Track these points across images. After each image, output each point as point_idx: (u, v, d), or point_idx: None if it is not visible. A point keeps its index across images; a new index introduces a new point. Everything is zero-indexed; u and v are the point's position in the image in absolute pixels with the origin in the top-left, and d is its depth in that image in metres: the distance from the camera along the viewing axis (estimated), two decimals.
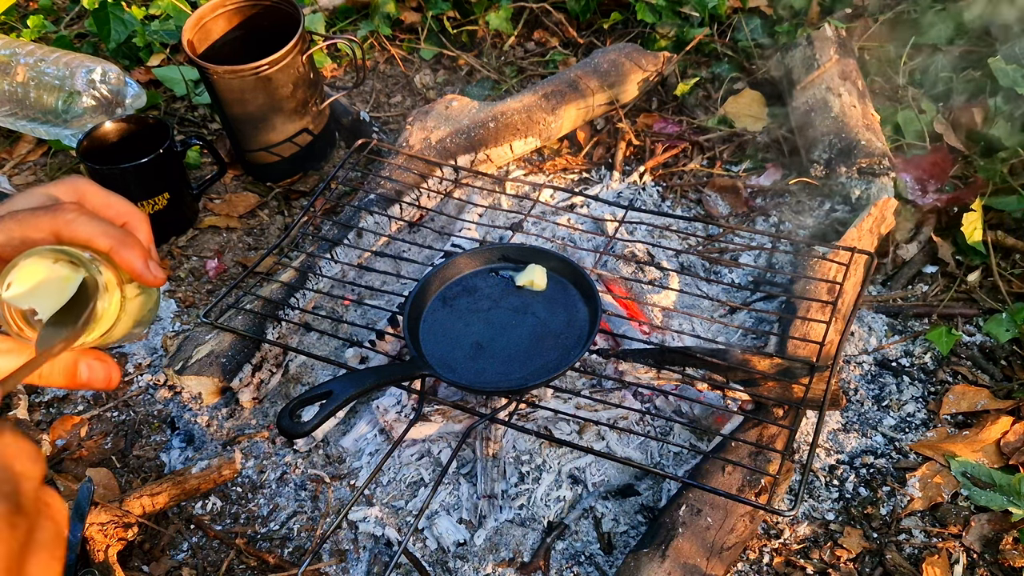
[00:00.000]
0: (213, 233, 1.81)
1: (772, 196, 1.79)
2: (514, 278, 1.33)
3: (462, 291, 1.33)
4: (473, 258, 1.35)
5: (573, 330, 1.26)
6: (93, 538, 1.22)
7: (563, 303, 1.30)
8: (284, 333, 1.51)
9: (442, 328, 1.28)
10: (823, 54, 1.82)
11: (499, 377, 1.21)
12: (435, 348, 1.24)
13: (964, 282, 1.60)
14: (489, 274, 1.35)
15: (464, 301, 1.31)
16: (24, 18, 2.32)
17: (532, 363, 1.22)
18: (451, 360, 1.23)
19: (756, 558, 1.25)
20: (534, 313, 1.29)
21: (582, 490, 1.32)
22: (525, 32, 2.24)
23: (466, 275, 1.35)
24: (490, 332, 1.27)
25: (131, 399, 1.52)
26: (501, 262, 1.36)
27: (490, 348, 1.25)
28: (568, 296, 1.31)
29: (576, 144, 1.94)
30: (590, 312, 1.27)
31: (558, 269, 1.33)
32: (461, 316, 1.29)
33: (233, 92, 1.68)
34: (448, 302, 1.31)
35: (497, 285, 1.34)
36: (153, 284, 0.65)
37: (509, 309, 1.30)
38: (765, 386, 1.27)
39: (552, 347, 1.24)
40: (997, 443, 1.35)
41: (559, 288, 1.32)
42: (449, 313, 1.30)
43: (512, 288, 1.33)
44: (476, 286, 1.33)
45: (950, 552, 1.24)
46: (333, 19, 2.29)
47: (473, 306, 1.31)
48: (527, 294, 1.32)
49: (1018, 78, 1.71)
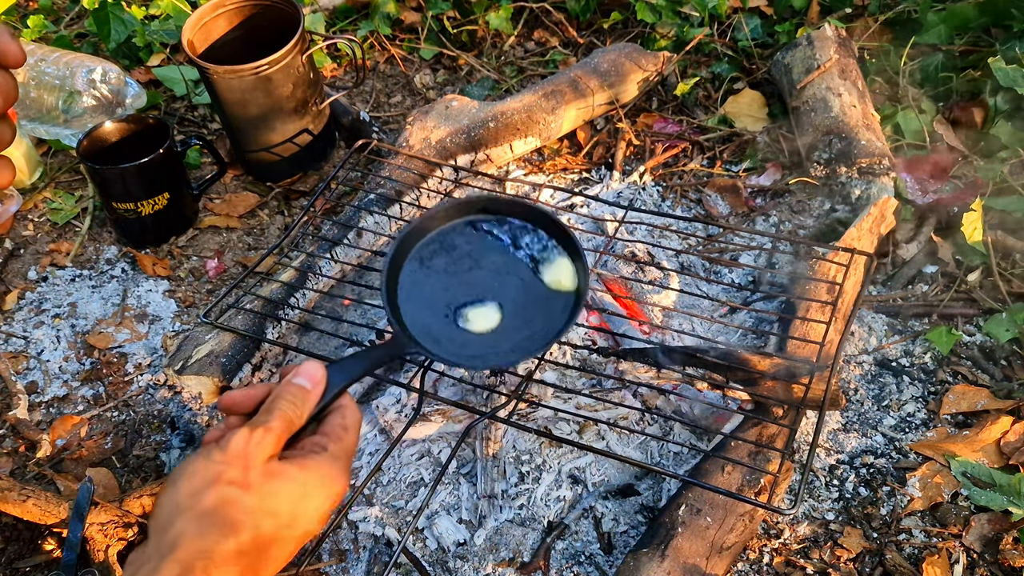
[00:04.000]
0: (213, 233, 1.81)
1: (772, 196, 1.79)
2: (542, 277, 1.16)
3: (440, 248, 1.18)
4: (450, 211, 1.20)
5: (559, 295, 1.13)
6: (93, 538, 1.22)
7: (549, 259, 1.16)
8: (284, 333, 1.51)
9: (421, 294, 1.13)
10: (823, 54, 1.82)
11: (486, 350, 1.08)
12: (417, 317, 1.10)
13: (964, 282, 1.60)
14: (467, 228, 1.20)
15: (441, 260, 1.17)
16: (24, 18, 2.32)
17: (518, 333, 1.10)
18: (435, 332, 1.09)
19: (756, 558, 1.25)
20: (518, 275, 1.16)
21: (582, 490, 1.32)
22: (525, 32, 2.24)
23: (444, 230, 1.19)
24: (472, 298, 1.13)
25: (131, 399, 1.52)
26: (480, 214, 1.20)
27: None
28: (555, 253, 1.17)
29: (576, 144, 1.94)
30: (577, 272, 1.14)
31: (540, 224, 1.19)
32: (440, 279, 1.16)
33: (233, 92, 1.68)
34: (425, 262, 1.16)
35: (477, 242, 1.19)
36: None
37: (491, 270, 1.16)
38: (765, 386, 1.27)
39: (539, 314, 1.11)
40: (997, 443, 1.35)
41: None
42: (427, 275, 1.15)
43: (494, 245, 1.19)
44: (454, 243, 1.19)
45: (950, 552, 1.24)
46: (333, 19, 2.29)
47: (452, 267, 1.16)
48: (509, 254, 1.18)
49: (1018, 78, 1.71)
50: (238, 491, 0.68)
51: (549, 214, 1.18)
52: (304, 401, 0.76)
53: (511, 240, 1.19)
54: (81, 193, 1.91)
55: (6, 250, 1.79)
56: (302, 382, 0.76)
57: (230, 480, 0.68)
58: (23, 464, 1.42)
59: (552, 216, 1.17)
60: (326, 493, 0.73)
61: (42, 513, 1.24)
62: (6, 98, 0.66)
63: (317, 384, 0.77)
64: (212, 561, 0.64)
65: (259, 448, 0.70)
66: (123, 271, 1.75)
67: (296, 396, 0.75)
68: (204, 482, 0.68)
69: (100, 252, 1.79)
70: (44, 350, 1.61)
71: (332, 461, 0.73)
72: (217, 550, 0.65)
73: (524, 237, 1.19)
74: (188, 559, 0.64)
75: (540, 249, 1.18)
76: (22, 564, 1.29)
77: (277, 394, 0.75)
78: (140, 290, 1.70)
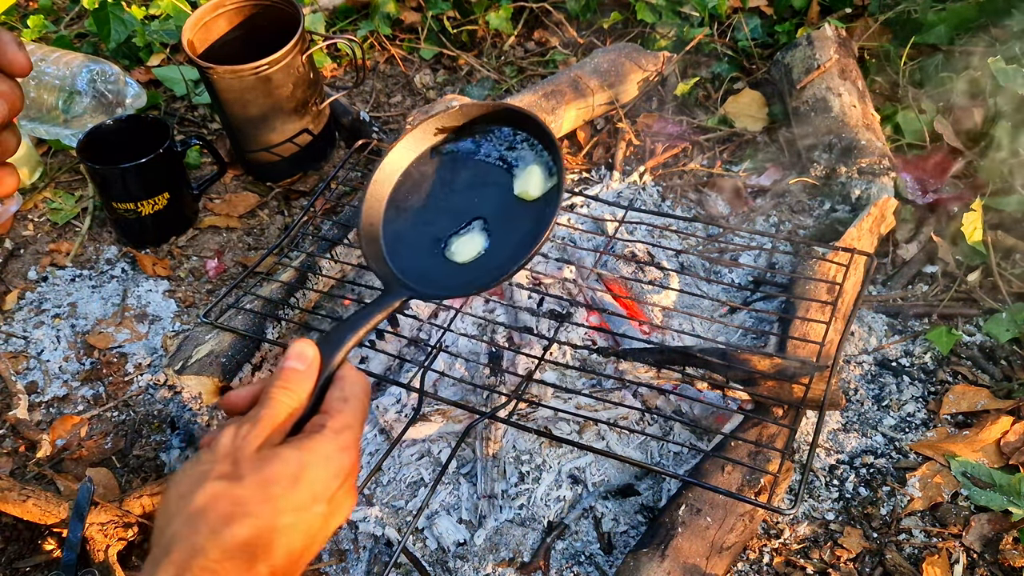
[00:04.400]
0: (213, 233, 1.81)
1: (772, 196, 1.79)
2: (513, 186, 1.08)
3: (410, 189, 1.10)
4: (408, 147, 1.11)
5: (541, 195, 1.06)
6: (93, 538, 1.22)
7: (522, 159, 1.09)
8: (284, 333, 1.51)
9: (404, 239, 1.06)
10: (823, 54, 1.82)
11: (477, 273, 1.02)
12: (407, 264, 1.03)
13: (964, 282, 1.60)
14: (432, 157, 1.12)
15: (415, 199, 1.09)
16: (24, 18, 2.32)
17: (509, 241, 1.03)
18: (428, 272, 1.02)
19: (756, 558, 1.25)
20: (494, 182, 1.09)
21: (582, 490, 1.32)
22: (525, 32, 2.24)
23: (408, 169, 1.11)
24: (455, 222, 1.06)
25: (131, 399, 1.52)
26: (439, 136, 1.12)
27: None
28: (523, 150, 1.10)
29: (576, 144, 1.94)
30: (553, 159, 1.07)
31: (502, 118, 1.11)
32: (419, 217, 1.08)
33: (233, 92, 1.68)
34: (401, 208, 1.08)
35: (444, 164, 1.11)
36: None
37: (466, 187, 1.09)
38: (765, 386, 1.27)
39: (525, 216, 1.04)
40: (997, 443, 1.35)
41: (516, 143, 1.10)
42: (405, 220, 1.07)
43: (460, 159, 1.11)
44: (423, 174, 1.10)
45: (950, 552, 1.24)
46: (333, 19, 2.29)
47: (428, 202, 1.09)
48: (478, 163, 1.10)
49: (1018, 78, 1.71)
50: (227, 484, 0.65)
51: (505, 107, 1.09)
52: (299, 383, 0.72)
53: (476, 148, 1.11)
54: (81, 193, 1.91)
55: (6, 250, 1.79)
56: (293, 364, 0.73)
57: (219, 475, 0.65)
58: (23, 464, 1.42)
59: (510, 108, 1.09)
60: (332, 471, 0.69)
61: (42, 513, 1.24)
62: (12, 107, 0.65)
63: (309, 363, 0.74)
64: (208, 558, 0.61)
65: (247, 440, 0.67)
66: (123, 271, 1.75)
67: (289, 380, 0.72)
68: (193, 482, 0.65)
69: (100, 252, 1.79)
70: (44, 350, 1.61)
71: (333, 436, 0.70)
72: (211, 546, 0.62)
73: (488, 144, 1.11)
74: (183, 559, 0.61)
75: (507, 148, 1.09)
76: (22, 564, 1.29)
77: (270, 386, 0.72)
78: (140, 290, 1.70)
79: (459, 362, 1.43)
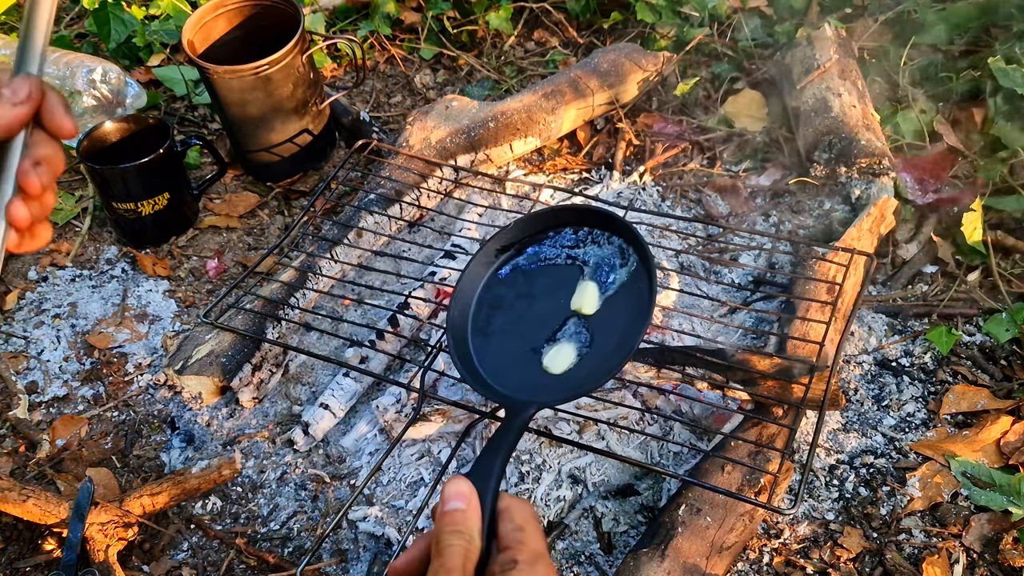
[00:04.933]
0: (213, 233, 1.81)
1: (772, 196, 1.79)
2: (568, 303, 1.10)
3: (490, 309, 1.11)
4: (477, 267, 1.14)
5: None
6: (93, 538, 1.22)
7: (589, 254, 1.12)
8: (284, 333, 1.51)
9: (498, 357, 1.07)
10: (823, 54, 1.82)
11: (587, 369, 1.03)
12: (508, 379, 1.03)
13: (964, 282, 1.60)
14: (499, 274, 1.15)
15: (499, 319, 1.11)
16: None
17: (610, 330, 1.04)
18: (534, 380, 1.03)
19: (756, 558, 1.25)
20: (572, 275, 1.11)
21: (582, 490, 1.32)
22: (525, 32, 2.24)
23: (480, 292, 1.13)
24: (547, 328, 1.07)
25: (131, 399, 1.52)
26: (499, 256, 1.15)
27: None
28: (589, 245, 1.12)
29: (576, 144, 1.94)
30: (626, 242, 1.09)
31: (560, 221, 1.14)
32: (509, 334, 1.09)
33: (233, 92, 1.68)
34: (485, 333, 1.10)
35: (514, 279, 1.14)
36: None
37: (549, 290, 1.10)
38: (765, 386, 1.27)
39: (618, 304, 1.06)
40: (997, 443, 1.35)
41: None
42: (497, 342, 1.09)
43: (535, 267, 1.13)
44: (500, 296, 1.12)
45: (950, 552, 1.24)
46: (333, 19, 2.29)
47: (511, 317, 1.10)
48: (547, 267, 1.12)
49: (1018, 78, 1.71)
50: None
51: (556, 210, 1.12)
52: (466, 523, 0.67)
53: (539, 253, 1.14)
54: (81, 193, 1.91)
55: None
56: (454, 505, 0.68)
57: None
58: (23, 464, 1.42)
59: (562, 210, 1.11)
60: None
61: (42, 513, 1.24)
62: (56, 171, 0.67)
63: (469, 499, 0.68)
64: None
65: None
66: (123, 271, 1.75)
67: (457, 523, 0.67)
68: None
69: (100, 252, 1.79)
70: (44, 350, 1.61)
71: (529, 569, 0.65)
72: None
73: (552, 246, 1.14)
74: None
75: (572, 247, 1.12)
76: (22, 564, 1.29)
77: (437, 534, 0.67)
78: (140, 290, 1.70)
79: None
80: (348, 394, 1.44)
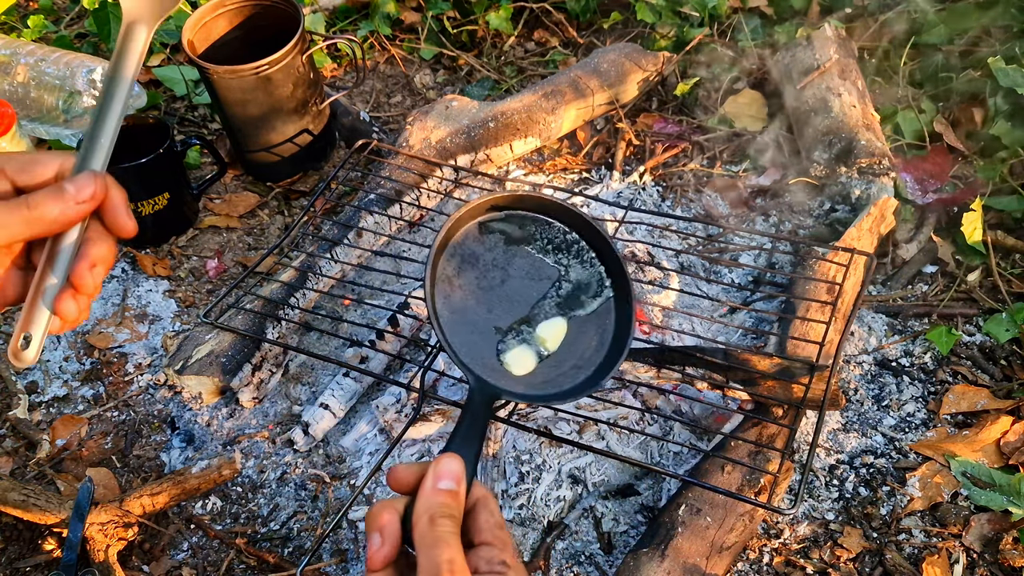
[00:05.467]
0: (213, 233, 1.81)
1: (772, 196, 1.79)
2: (533, 334, 1.06)
3: (463, 260, 1.06)
4: (463, 216, 1.07)
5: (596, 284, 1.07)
6: (93, 538, 1.22)
7: (571, 269, 1.10)
8: (284, 333, 1.51)
9: (464, 319, 1.02)
10: (823, 54, 1.82)
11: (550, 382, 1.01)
12: (470, 352, 0.99)
13: (964, 282, 1.60)
14: (486, 234, 1.09)
15: (471, 274, 1.06)
16: (24, 18, 2.32)
17: (572, 352, 1.03)
18: (490, 365, 1.00)
19: (756, 558, 1.25)
20: (550, 277, 1.09)
21: (582, 490, 1.32)
22: (525, 32, 2.24)
23: (461, 240, 1.07)
24: (513, 313, 1.04)
25: (131, 399, 1.52)
26: (490, 213, 1.10)
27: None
28: (572, 256, 1.11)
29: (576, 144, 1.94)
30: (607, 268, 1.08)
31: (563, 218, 1.11)
32: (476, 297, 1.05)
33: (233, 92, 1.68)
34: (456, 280, 1.04)
35: (497, 246, 1.09)
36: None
37: (524, 277, 1.08)
38: (765, 386, 1.27)
39: (587, 319, 1.05)
40: (997, 443, 1.35)
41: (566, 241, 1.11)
42: (463, 295, 1.04)
43: (515, 247, 1.10)
44: (475, 252, 1.07)
45: (950, 552, 1.24)
46: (333, 19, 2.29)
47: (483, 281, 1.06)
48: (532, 257, 1.10)
49: (1018, 78, 1.71)
50: None
51: (559, 204, 1.09)
52: (458, 507, 0.67)
53: (530, 238, 1.11)
54: None
55: None
56: (448, 485, 0.67)
57: None
58: (23, 464, 1.42)
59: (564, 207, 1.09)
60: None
61: (42, 513, 1.24)
62: (108, 267, 0.68)
63: (460, 482, 0.68)
64: None
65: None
66: (123, 271, 1.75)
67: (451, 506, 0.66)
68: None
69: None
70: (44, 350, 1.61)
71: (516, 575, 0.64)
72: None
73: (542, 238, 1.11)
74: None
75: (557, 248, 1.10)
76: (22, 564, 1.29)
77: (433, 506, 0.66)
78: (140, 290, 1.70)
79: None
80: (348, 394, 1.44)
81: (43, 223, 0.63)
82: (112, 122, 0.70)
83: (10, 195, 0.65)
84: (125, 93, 0.71)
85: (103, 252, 0.67)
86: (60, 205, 0.63)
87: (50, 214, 0.63)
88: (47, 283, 0.66)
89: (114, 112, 0.70)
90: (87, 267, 0.66)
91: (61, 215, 0.64)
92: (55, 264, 0.66)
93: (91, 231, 0.67)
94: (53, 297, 0.66)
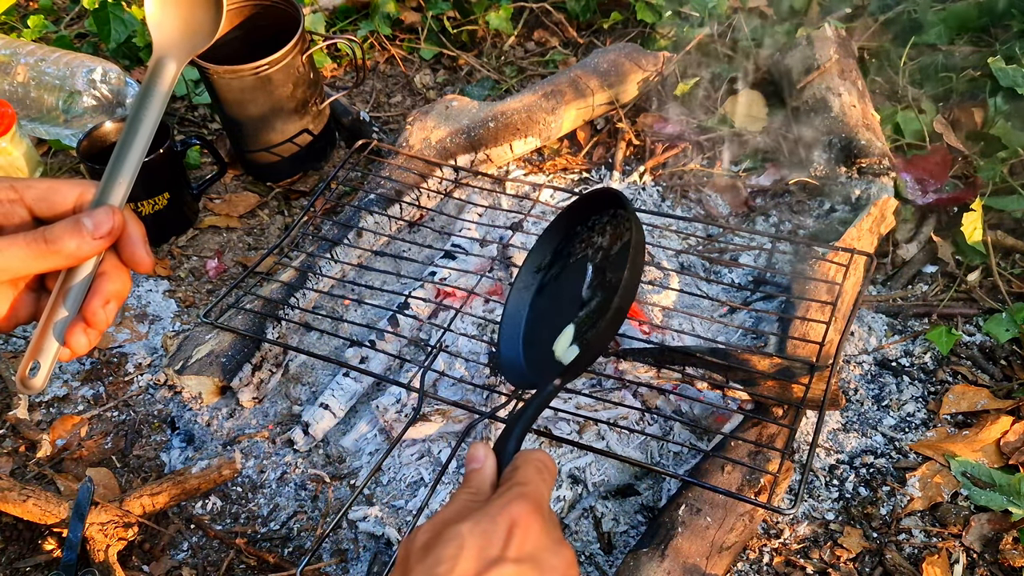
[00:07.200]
0: (213, 233, 1.82)
1: (772, 196, 1.79)
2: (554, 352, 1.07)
3: (533, 320, 1.13)
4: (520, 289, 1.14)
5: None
6: (93, 538, 1.22)
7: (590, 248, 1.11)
8: (284, 333, 1.51)
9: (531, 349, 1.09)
10: (823, 54, 1.82)
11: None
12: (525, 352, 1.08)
13: (964, 282, 1.60)
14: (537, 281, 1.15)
15: (537, 320, 1.13)
16: (24, 18, 2.32)
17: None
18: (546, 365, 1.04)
19: (756, 558, 1.25)
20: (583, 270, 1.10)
21: (582, 490, 1.32)
22: (525, 32, 2.24)
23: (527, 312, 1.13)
24: (559, 318, 1.08)
25: (131, 399, 1.52)
26: (540, 272, 1.15)
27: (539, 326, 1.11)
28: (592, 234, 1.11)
29: (576, 144, 1.94)
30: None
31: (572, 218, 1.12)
32: (536, 329, 1.12)
33: (233, 92, 1.68)
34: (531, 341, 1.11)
35: (545, 286, 1.14)
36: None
37: (567, 284, 1.10)
38: (765, 386, 1.27)
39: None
40: (997, 443, 1.35)
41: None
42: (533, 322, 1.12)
43: (558, 269, 1.13)
44: (535, 295, 1.14)
45: (950, 552, 1.24)
46: (333, 19, 2.29)
47: (544, 311, 1.12)
48: (573, 264, 1.11)
49: (1018, 78, 1.71)
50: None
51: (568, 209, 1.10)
52: (479, 480, 0.73)
53: (567, 254, 1.12)
54: None
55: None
56: (471, 467, 0.75)
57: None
58: (23, 464, 1.42)
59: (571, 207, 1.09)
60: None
61: (42, 513, 1.24)
62: (122, 302, 0.69)
63: (484, 461, 0.75)
64: None
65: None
66: None
67: (471, 482, 0.73)
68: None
69: None
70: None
71: (499, 499, 0.69)
72: None
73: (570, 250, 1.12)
74: None
75: (579, 243, 1.10)
76: (22, 564, 1.29)
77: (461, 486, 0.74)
78: (140, 290, 1.70)
79: (459, 362, 1.43)
80: (348, 394, 1.44)
81: (59, 257, 0.64)
82: (134, 158, 0.69)
83: (28, 224, 0.65)
84: (149, 130, 0.70)
85: (117, 287, 0.67)
86: (76, 240, 0.64)
87: (66, 248, 0.64)
88: (59, 315, 0.66)
89: (137, 147, 0.69)
90: (100, 303, 0.66)
91: (77, 250, 0.64)
92: (68, 296, 0.66)
93: (107, 263, 0.67)
94: (63, 329, 0.66)
